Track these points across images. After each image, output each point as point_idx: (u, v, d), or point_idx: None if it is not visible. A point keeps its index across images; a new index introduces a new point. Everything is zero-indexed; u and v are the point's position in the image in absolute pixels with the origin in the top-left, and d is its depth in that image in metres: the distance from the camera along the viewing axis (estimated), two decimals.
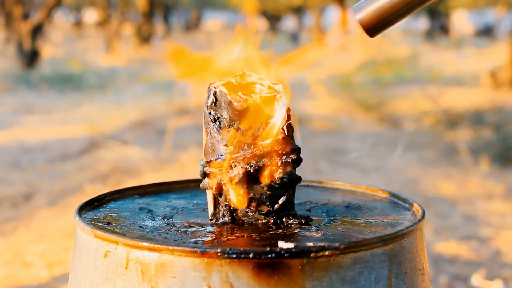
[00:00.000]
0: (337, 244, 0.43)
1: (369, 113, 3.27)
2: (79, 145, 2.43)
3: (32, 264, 1.29)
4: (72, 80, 4.54)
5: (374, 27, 0.48)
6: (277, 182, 0.50)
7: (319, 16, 7.60)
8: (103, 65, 5.61)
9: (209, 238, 0.48)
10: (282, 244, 0.44)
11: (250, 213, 0.51)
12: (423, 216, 0.51)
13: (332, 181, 0.63)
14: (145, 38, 7.70)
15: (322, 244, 0.43)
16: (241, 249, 0.43)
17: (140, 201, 0.60)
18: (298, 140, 0.50)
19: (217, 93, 0.52)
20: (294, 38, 9.17)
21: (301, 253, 0.42)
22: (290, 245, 0.44)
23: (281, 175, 0.50)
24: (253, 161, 0.50)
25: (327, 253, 0.43)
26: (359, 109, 3.36)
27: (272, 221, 0.51)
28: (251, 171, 0.50)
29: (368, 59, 5.23)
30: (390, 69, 4.75)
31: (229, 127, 0.51)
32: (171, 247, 0.43)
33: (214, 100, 0.51)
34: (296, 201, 0.54)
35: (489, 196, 1.80)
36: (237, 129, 0.51)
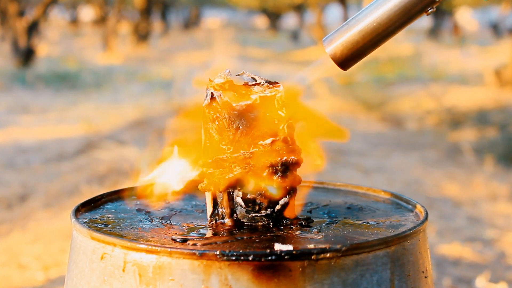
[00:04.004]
0: (338, 246, 0.42)
1: (371, 113, 3.25)
2: (75, 145, 2.41)
3: (28, 266, 1.28)
4: (68, 79, 4.51)
5: (345, 60, 0.47)
6: (278, 183, 0.50)
7: (320, 14, 7.58)
8: (100, 64, 5.58)
9: (208, 240, 0.47)
10: (282, 246, 0.44)
11: (250, 215, 0.51)
12: (426, 218, 0.50)
13: (334, 181, 0.63)
14: (142, 36, 7.66)
15: (323, 246, 0.43)
16: (241, 251, 0.42)
17: (138, 202, 0.59)
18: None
19: (216, 92, 0.51)
20: (295, 36, 9.14)
21: (302, 255, 0.42)
22: (291, 247, 0.44)
23: (281, 175, 0.50)
24: (252, 162, 0.49)
25: (328, 255, 0.42)
26: (361, 108, 3.33)
27: (272, 222, 0.51)
28: (251, 171, 0.49)
29: (370, 57, 5.13)
30: (392, 67, 4.71)
31: (228, 127, 0.50)
32: (169, 249, 0.43)
33: (213, 100, 0.51)
34: (296, 202, 0.54)
35: (493, 197, 1.78)
36: (237, 129, 0.50)
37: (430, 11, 0.45)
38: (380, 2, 0.46)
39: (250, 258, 0.41)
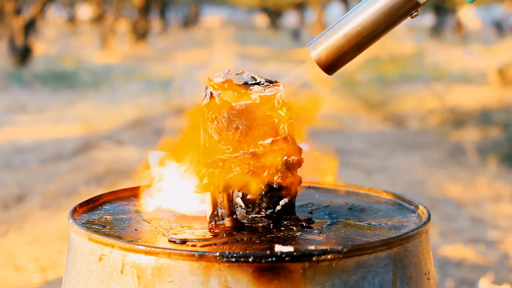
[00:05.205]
0: (339, 248, 0.42)
1: (373, 112, 3.21)
2: (73, 145, 2.38)
3: (25, 268, 1.27)
4: (66, 78, 4.48)
5: (330, 64, 0.47)
6: (278, 183, 0.49)
7: (321, 12, 7.50)
8: (98, 63, 5.55)
9: (208, 241, 0.47)
10: (283, 248, 0.44)
11: (250, 216, 0.50)
12: (428, 219, 0.50)
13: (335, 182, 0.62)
14: (141, 34, 7.63)
15: (324, 247, 0.43)
16: (241, 252, 0.42)
17: (136, 203, 0.58)
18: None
19: (216, 92, 0.50)
20: (296, 34, 9.09)
21: (303, 256, 0.41)
22: (291, 248, 0.44)
23: (281, 176, 0.49)
24: (252, 162, 0.49)
25: (329, 256, 0.42)
26: (362, 108, 3.30)
27: (272, 223, 0.50)
28: (251, 172, 0.49)
29: (372, 56, 5.01)
30: (394, 66, 4.63)
31: (228, 127, 0.50)
32: (168, 251, 0.42)
33: (212, 99, 0.50)
34: (297, 203, 0.53)
35: (497, 197, 1.76)
36: (236, 129, 0.49)
37: (414, 14, 0.45)
38: (364, 6, 0.46)
39: (250, 259, 0.41)
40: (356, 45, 0.46)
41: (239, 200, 0.50)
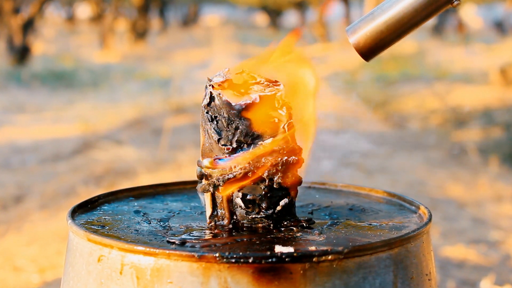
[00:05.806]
0: (340, 248, 0.42)
1: (374, 112, 3.21)
2: (72, 145, 2.39)
3: (23, 268, 1.26)
4: (65, 78, 4.47)
5: (369, 50, 0.46)
6: (278, 184, 0.49)
7: (322, 11, 7.48)
8: (97, 62, 5.54)
9: (207, 242, 0.46)
10: (283, 248, 0.43)
11: (249, 216, 0.50)
12: (429, 219, 0.49)
13: (335, 182, 0.62)
14: (140, 33, 7.62)
15: (324, 248, 0.42)
16: (241, 253, 0.41)
17: (135, 204, 0.58)
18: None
19: (215, 91, 0.50)
20: None
21: (303, 257, 0.41)
22: (292, 249, 0.43)
23: (282, 176, 0.49)
24: (252, 162, 0.49)
25: (330, 257, 0.41)
26: (363, 108, 3.31)
27: (272, 224, 0.50)
28: (251, 172, 0.48)
29: None
30: (395, 65, 4.60)
31: (227, 126, 0.49)
32: (167, 251, 0.42)
33: (212, 99, 0.50)
34: (297, 203, 0.53)
35: (498, 198, 1.76)
36: (236, 129, 0.49)
37: (456, 3, 0.45)
38: None
39: (250, 260, 0.41)
40: (396, 32, 0.45)
41: (238, 201, 0.50)
